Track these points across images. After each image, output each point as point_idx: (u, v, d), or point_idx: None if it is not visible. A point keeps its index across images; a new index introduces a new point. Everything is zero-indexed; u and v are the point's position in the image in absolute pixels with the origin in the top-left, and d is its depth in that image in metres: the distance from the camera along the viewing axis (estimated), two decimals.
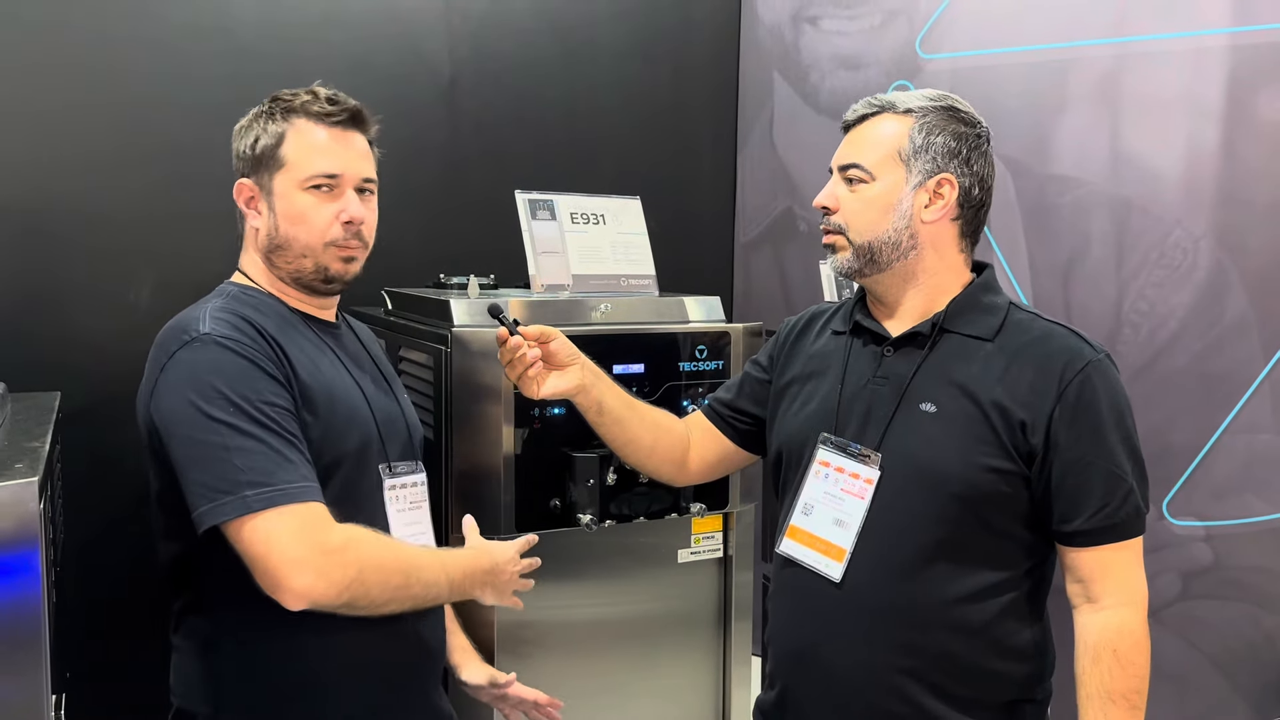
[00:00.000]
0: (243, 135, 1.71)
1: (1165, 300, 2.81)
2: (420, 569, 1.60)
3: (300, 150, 1.66)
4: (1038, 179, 3.00)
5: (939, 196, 1.65)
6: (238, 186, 1.70)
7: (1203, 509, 2.79)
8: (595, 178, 3.01)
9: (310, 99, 1.68)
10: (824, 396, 1.75)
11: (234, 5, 2.68)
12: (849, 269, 1.70)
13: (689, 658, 2.43)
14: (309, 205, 1.66)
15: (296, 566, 1.46)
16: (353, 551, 1.51)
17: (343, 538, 1.51)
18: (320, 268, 1.69)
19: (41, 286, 2.48)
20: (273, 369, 1.56)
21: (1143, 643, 1.59)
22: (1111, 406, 1.59)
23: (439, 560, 1.66)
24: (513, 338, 1.79)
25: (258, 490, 1.47)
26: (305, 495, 1.50)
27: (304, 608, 1.48)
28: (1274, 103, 2.64)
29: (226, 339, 1.54)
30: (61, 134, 2.49)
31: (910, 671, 1.62)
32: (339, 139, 1.69)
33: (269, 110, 1.69)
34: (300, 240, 1.67)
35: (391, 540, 1.64)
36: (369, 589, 1.52)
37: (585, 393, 1.86)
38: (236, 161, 1.72)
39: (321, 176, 1.66)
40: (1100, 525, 1.58)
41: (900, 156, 1.65)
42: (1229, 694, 2.76)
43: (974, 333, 1.65)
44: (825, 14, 3.35)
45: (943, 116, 1.67)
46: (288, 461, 1.50)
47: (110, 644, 2.43)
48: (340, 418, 1.64)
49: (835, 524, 1.68)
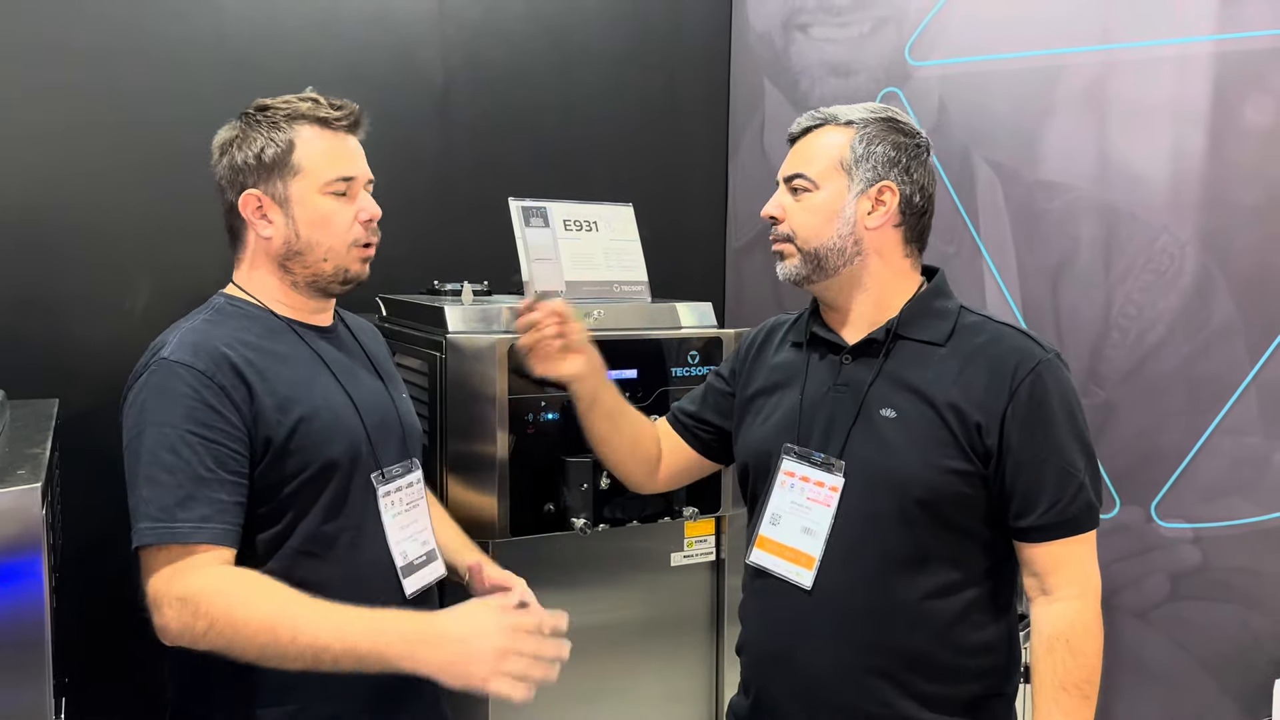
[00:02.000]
0: (240, 146, 1.69)
1: (1153, 304, 2.83)
2: (298, 630, 1.48)
3: (315, 156, 1.68)
4: (1026, 185, 3.02)
5: (881, 203, 1.69)
6: (244, 197, 1.68)
7: (1191, 511, 2.81)
8: (588, 185, 3.03)
9: (314, 104, 1.69)
10: (787, 408, 1.78)
11: (228, 17, 2.69)
12: (797, 276, 1.74)
13: (682, 661, 2.44)
14: (332, 209, 1.69)
15: (155, 605, 1.51)
16: (203, 605, 1.49)
17: (198, 587, 1.49)
18: (340, 269, 1.72)
19: (40, 295, 2.49)
20: (219, 398, 1.57)
21: (1095, 633, 1.63)
22: (1062, 404, 1.63)
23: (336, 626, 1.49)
24: (544, 306, 1.82)
25: (151, 524, 1.51)
26: (194, 536, 1.51)
27: (171, 644, 1.52)
28: (1259, 108, 2.67)
29: (180, 364, 1.57)
30: (59, 145, 2.50)
31: (881, 671, 1.65)
32: (344, 142, 1.72)
33: (266, 119, 1.69)
34: (324, 244, 1.69)
35: (275, 597, 1.52)
36: (230, 644, 1.50)
37: (584, 381, 1.88)
38: (231, 173, 1.70)
39: (340, 180, 1.69)
40: (1053, 520, 1.62)
41: (842, 166, 1.69)
42: (1217, 695, 2.78)
43: (927, 338, 1.69)
44: (815, 21, 3.37)
45: (882, 127, 1.71)
46: (192, 498, 1.52)
47: (108, 649, 2.44)
48: (321, 429, 1.65)
49: (803, 532, 1.70)
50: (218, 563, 1.53)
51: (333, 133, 1.70)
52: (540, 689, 1.76)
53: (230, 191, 1.70)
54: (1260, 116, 2.66)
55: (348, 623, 1.49)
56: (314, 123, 1.69)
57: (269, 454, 1.61)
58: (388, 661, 1.49)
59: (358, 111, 1.74)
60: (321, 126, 1.69)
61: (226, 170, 1.70)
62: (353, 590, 1.65)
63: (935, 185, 1.75)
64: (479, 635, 1.50)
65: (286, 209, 1.68)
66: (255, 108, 1.71)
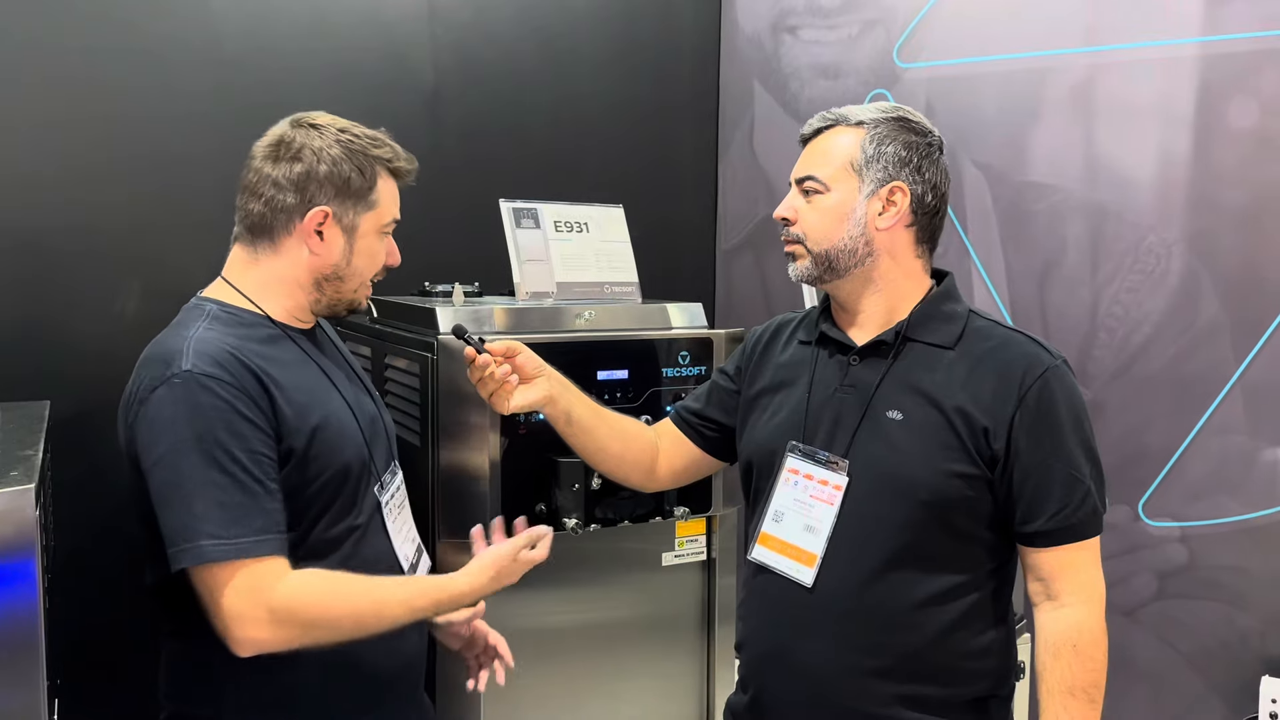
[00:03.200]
0: (328, 162, 1.66)
1: (1139, 305, 2.85)
2: (379, 613, 1.62)
3: (387, 197, 1.74)
4: (1014, 186, 3.04)
5: (892, 204, 1.69)
6: (315, 212, 1.66)
7: (1178, 510, 2.82)
8: (579, 186, 3.04)
9: (393, 156, 1.74)
10: (793, 406, 1.78)
11: (219, 18, 2.69)
12: (808, 276, 1.74)
13: (673, 660, 2.45)
14: (379, 248, 1.76)
15: (242, 622, 1.51)
16: (298, 612, 1.54)
17: (288, 598, 1.53)
18: (359, 300, 1.79)
19: (30, 297, 2.49)
20: (250, 408, 1.56)
21: (1100, 639, 1.64)
22: (1069, 411, 1.63)
23: (404, 599, 1.66)
24: (480, 356, 1.81)
25: (214, 542, 1.50)
26: (258, 550, 1.52)
27: (254, 654, 1.53)
28: (1243, 110, 2.68)
29: (206, 376, 1.54)
30: (50, 146, 2.50)
31: (879, 672, 1.65)
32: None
33: (353, 143, 1.69)
34: (362, 275, 1.75)
35: (347, 588, 1.62)
36: (319, 639, 1.56)
37: (554, 403, 1.87)
38: (301, 180, 1.66)
39: (394, 224, 1.78)
40: (1059, 526, 1.62)
41: (853, 167, 1.69)
42: (1204, 692, 2.80)
43: (936, 341, 1.69)
44: (804, 24, 3.39)
45: (893, 127, 1.70)
46: (248, 513, 1.52)
47: (99, 651, 2.45)
48: (333, 435, 1.66)
49: (806, 530, 1.71)
50: (282, 569, 1.54)
51: (398, 181, 1.78)
52: (533, 687, 1.80)
53: (293, 194, 1.67)
54: (1245, 118, 2.68)
55: (410, 594, 1.68)
56: (390, 172, 1.75)
57: (291, 462, 1.61)
58: (457, 602, 1.74)
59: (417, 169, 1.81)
60: (394, 176, 1.76)
61: (299, 177, 1.66)
62: None
63: (948, 184, 1.75)
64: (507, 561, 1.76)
65: (351, 237, 1.71)
66: (335, 126, 1.71)
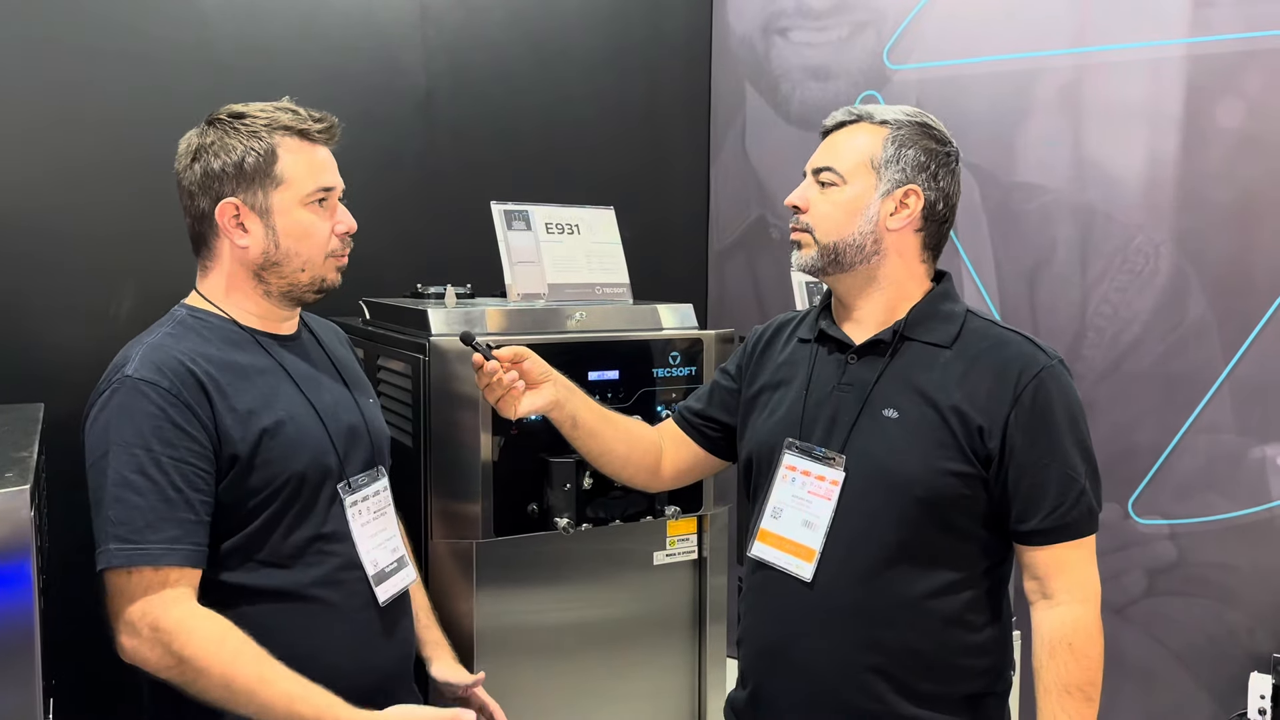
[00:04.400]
0: (216, 153, 1.65)
1: (1128, 304, 2.87)
2: (253, 690, 1.52)
3: (298, 167, 1.67)
4: (1003, 186, 3.05)
5: (904, 206, 1.70)
6: (222, 206, 1.65)
7: (1167, 508, 2.84)
8: (571, 187, 3.04)
9: (295, 115, 1.68)
10: (790, 403, 1.79)
11: (211, 20, 2.70)
12: (811, 266, 1.75)
13: (665, 659, 2.45)
14: (311, 221, 1.69)
15: (126, 629, 1.53)
16: (177, 644, 1.51)
17: (174, 624, 1.51)
18: (316, 279, 1.72)
19: (23, 300, 2.49)
20: (185, 416, 1.56)
21: (1096, 636, 1.65)
22: (1065, 410, 1.64)
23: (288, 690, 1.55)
24: (489, 362, 1.81)
25: (120, 545, 1.52)
26: (166, 558, 1.52)
27: (129, 663, 1.53)
28: (1231, 110, 2.71)
29: (144, 382, 1.56)
30: (41, 148, 2.50)
31: (877, 668, 1.66)
32: (324, 154, 1.72)
33: (245, 127, 1.66)
34: (302, 255, 1.69)
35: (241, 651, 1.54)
36: (190, 683, 1.53)
37: (560, 408, 1.89)
38: (205, 179, 1.66)
39: (322, 191, 1.69)
40: (1055, 525, 1.63)
41: (872, 164, 1.70)
42: (1193, 689, 2.82)
43: (933, 340, 1.70)
44: (795, 26, 3.40)
45: (916, 131, 1.72)
46: (162, 519, 1.52)
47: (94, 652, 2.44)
48: (286, 441, 1.65)
49: (804, 525, 1.72)
50: (187, 583, 1.54)
51: (312, 144, 1.70)
52: (526, 688, 1.79)
53: (202, 198, 1.67)
54: (1232, 118, 2.70)
55: (296, 696, 1.55)
56: (295, 134, 1.68)
57: (235, 469, 1.60)
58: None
59: (336, 124, 1.73)
60: (301, 138, 1.68)
61: (199, 176, 1.67)
62: (325, 598, 1.68)
63: (959, 196, 1.76)
64: None
65: (267, 219, 1.66)
66: (229, 114, 1.68)
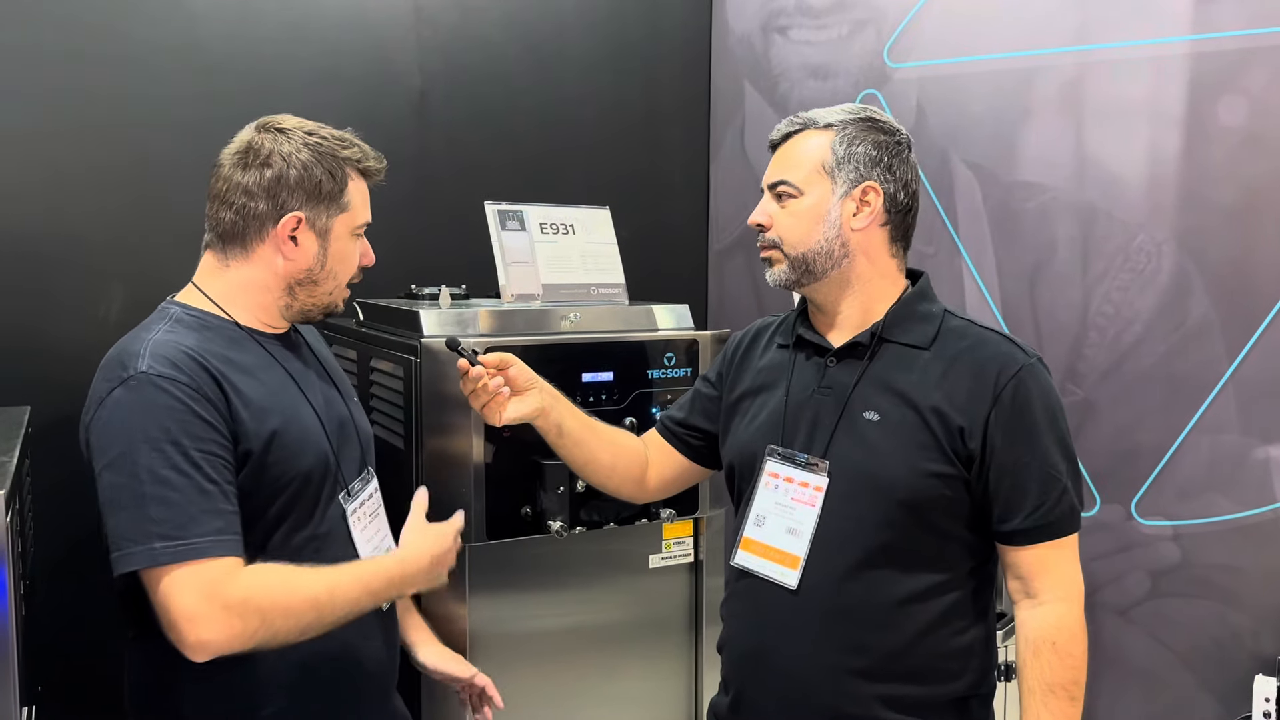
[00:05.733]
0: (299, 167, 1.66)
1: (1130, 304, 2.84)
2: (334, 597, 1.58)
3: (359, 198, 1.75)
4: (1004, 185, 3.03)
5: (865, 204, 1.70)
6: (288, 218, 1.66)
7: (1170, 509, 2.82)
8: (569, 188, 3.03)
9: (362, 156, 1.75)
10: (771, 409, 1.78)
11: (203, 22, 2.68)
12: (786, 281, 1.75)
13: (661, 663, 2.44)
14: (353, 249, 1.77)
15: (195, 622, 1.48)
16: (254, 603, 1.51)
17: (243, 592, 1.51)
18: (335, 302, 1.78)
19: (11, 302, 2.48)
20: (207, 409, 1.55)
21: (1079, 636, 1.64)
22: (1045, 409, 1.64)
23: (358, 579, 1.64)
24: (474, 368, 1.81)
25: (166, 543, 1.48)
26: (214, 550, 1.50)
27: (207, 659, 1.50)
28: (1232, 108, 2.68)
29: (162, 377, 1.54)
30: (32, 150, 2.49)
31: (861, 672, 1.65)
32: (368, 189, 1.80)
33: (322, 146, 1.69)
34: (338, 278, 1.75)
35: (301, 577, 1.58)
36: (277, 632, 1.53)
37: (545, 416, 1.88)
38: (273, 186, 1.66)
39: (366, 225, 1.78)
40: (1036, 524, 1.63)
41: (825, 169, 1.70)
42: (1197, 691, 2.79)
43: (911, 341, 1.70)
44: (794, 24, 3.38)
45: (862, 127, 1.71)
46: (203, 513, 1.51)
47: (81, 657, 2.44)
48: (293, 441, 1.65)
49: (788, 532, 1.71)
50: (236, 568, 1.52)
51: (365, 179, 1.78)
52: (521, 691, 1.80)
53: (264, 200, 1.66)
54: (1234, 116, 2.68)
55: (361, 581, 1.65)
56: (359, 171, 1.75)
57: (248, 466, 1.60)
58: (405, 588, 1.75)
59: (385, 166, 1.81)
60: (363, 176, 1.76)
61: (270, 183, 1.66)
62: None
63: (919, 183, 1.76)
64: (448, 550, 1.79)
65: (325, 240, 1.71)
66: (303, 130, 1.70)
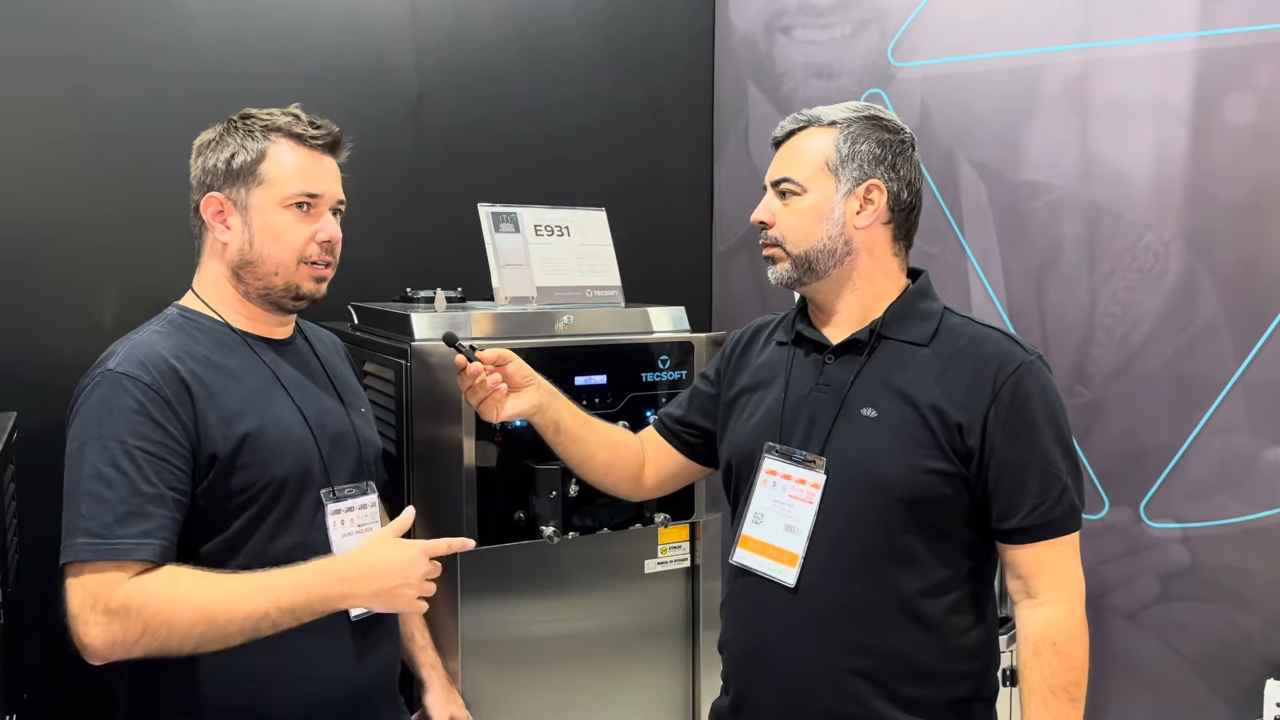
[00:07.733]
0: (214, 149, 1.71)
1: (1137, 303, 2.82)
2: (230, 608, 1.51)
3: (282, 169, 1.69)
4: (1009, 185, 3.01)
5: (869, 202, 1.70)
6: (206, 199, 1.70)
7: (1179, 511, 2.79)
8: (569, 190, 3.01)
9: (293, 120, 1.71)
10: (769, 406, 1.78)
11: (198, 23, 2.67)
12: (788, 279, 1.75)
13: (658, 668, 2.43)
14: (287, 223, 1.69)
15: (77, 623, 1.50)
16: (134, 610, 1.49)
17: (124, 598, 1.49)
18: (291, 285, 1.72)
19: (3, 306, 2.47)
20: (163, 413, 1.56)
21: (1080, 636, 1.63)
22: (1044, 406, 1.63)
23: (263, 589, 1.54)
24: (471, 364, 1.81)
25: (90, 539, 1.50)
26: (134, 553, 1.50)
27: (99, 662, 1.51)
28: (1240, 106, 2.65)
29: (126, 377, 1.57)
30: (24, 153, 2.48)
31: (862, 672, 1.64)
32: (318, 161, 1.73)
33: (245, 127, 1.71)
34: (274, 257, 1.69)
35: (199, 586, 1.52)
36: (165, 641, 1.50)
37: (543, 412, 1.88)
38: (202, 175, 1.72)
39: (303, 195, 1.70)
40: (1036, 523, 1.62)
41: (828, 167, 1.70)
42: (1207, 696, 2.76)
43: (910, 338, 1.69)
44: (798, 23, 3.36)
45: (866, 125, 1.71)
46: (132, 514, 1.51)
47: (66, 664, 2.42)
48: (268, 445, 1.64)
49: (786, 530, 1.70)
50: (132, 574, 1.52)
51: (307, 150, 1.71)
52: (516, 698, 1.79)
53: (197, 192, 1.73)
54: (1241, 114, 2.64)
55: (276, 584, 1.54)
56: (289, 137, 1.70)
57: (214, 470, 1.60)
58: (329, 603, 1.57)
59: (336, 133, 1.75)
60: (296, 142, 1.71)
61: (199, 172, 1.72)
62: None
63: (922, 181, 1.76)
64: (405, 565, 1.59)
65: (245, 216, 1.69)
66: (239, 115, 1.73)
